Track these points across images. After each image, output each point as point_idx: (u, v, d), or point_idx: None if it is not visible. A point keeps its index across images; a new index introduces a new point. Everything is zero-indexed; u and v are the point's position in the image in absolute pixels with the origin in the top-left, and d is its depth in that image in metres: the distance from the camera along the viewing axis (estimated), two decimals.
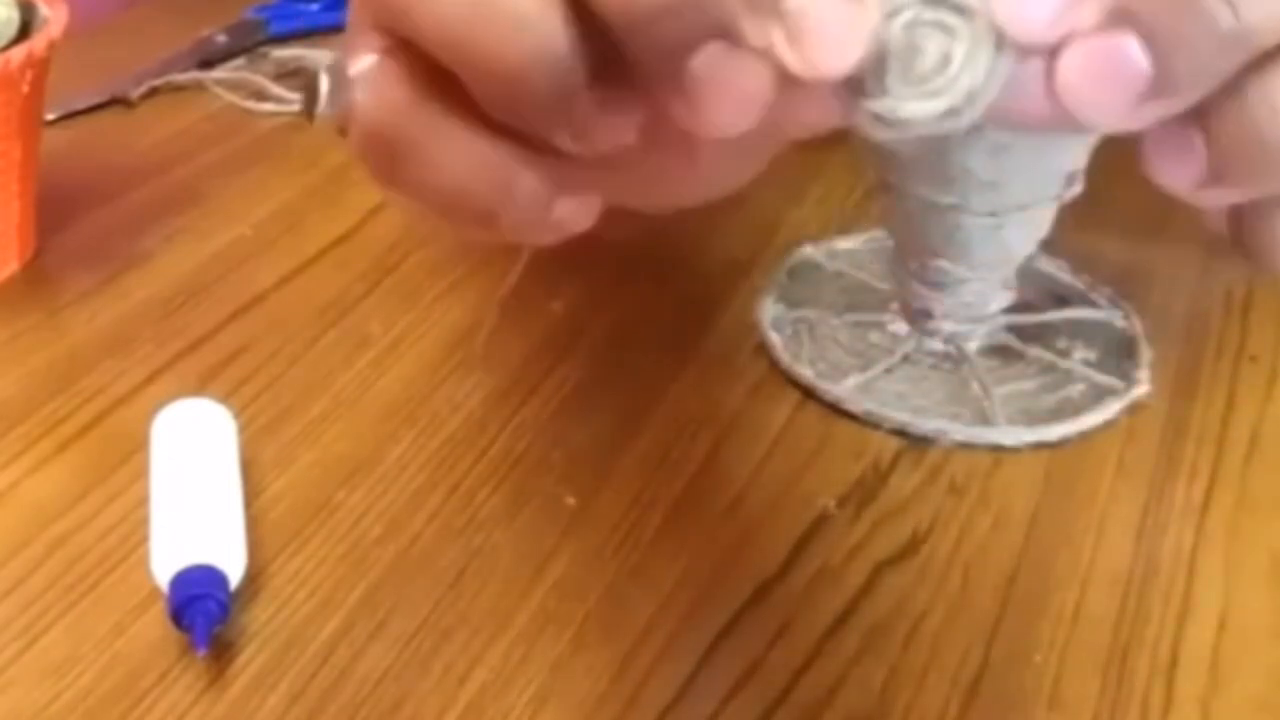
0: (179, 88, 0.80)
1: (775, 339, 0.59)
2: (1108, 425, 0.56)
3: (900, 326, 0.59)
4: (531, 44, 0.28)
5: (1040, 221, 0.56)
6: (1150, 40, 0.26)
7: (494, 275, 0.65)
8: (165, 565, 0.46)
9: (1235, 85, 0.27)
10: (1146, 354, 0.58)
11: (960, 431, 0.55)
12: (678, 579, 0.49)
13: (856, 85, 0.29)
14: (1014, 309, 0.58)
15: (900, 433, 0.55)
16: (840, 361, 0.58)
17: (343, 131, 0.31)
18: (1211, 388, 0.59)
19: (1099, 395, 0.57)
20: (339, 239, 0.67)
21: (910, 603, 0.48)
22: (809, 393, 0.57)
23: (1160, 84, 0.27)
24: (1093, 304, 0.62)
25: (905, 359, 0.58)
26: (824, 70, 0.28)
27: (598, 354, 0.60)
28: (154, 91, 0.80)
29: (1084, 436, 0.55)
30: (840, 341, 0.60)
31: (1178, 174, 0.28)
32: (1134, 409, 0.56)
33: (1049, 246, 0.58)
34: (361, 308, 0.63)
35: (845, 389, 0.56)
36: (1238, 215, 0.30)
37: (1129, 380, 0.57)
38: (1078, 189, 0.55)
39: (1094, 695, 0.45)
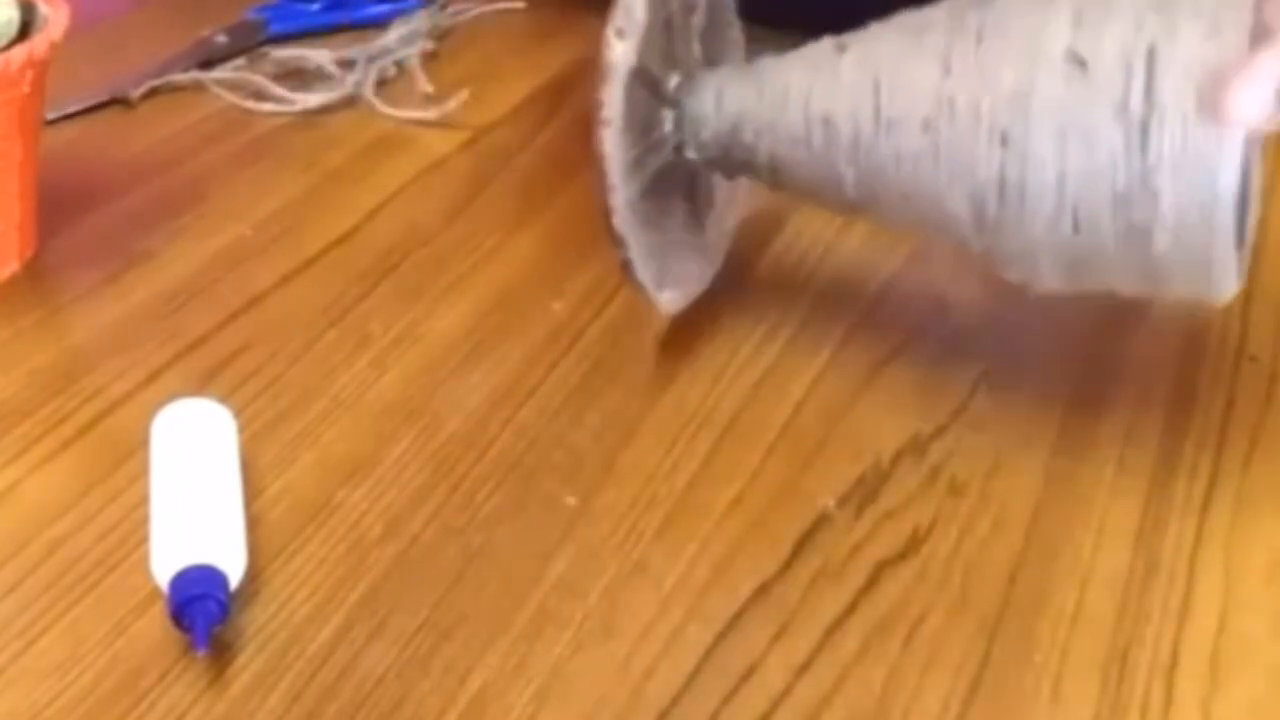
0: (179, 88, 0.80)
1: None
2: (1107, 425, 0.56)
3: None
4: None
5: None
6: None
7: (494, 276, 0.65)
8: (165, 565, 0.46)
9: None
10: None
11: None
12: (678, 578, 0.49)
13: None
14: None
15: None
16: None
17: None
18: (1211, 388, 0.59)
19: None
20: (339, 239, 0.67)
21: (910, 603, 0.49)
22: (809, 393, 0.57)
23: None
24: None
25: None
26: None
27: (598, 354, 0.60)
28: (154, 91, 0.80)
29: (1084, 436, 0.55)
30: None
31: None
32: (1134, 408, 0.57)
33: None
34: (361, 308, 0.63)
35: None
36: None
37: None
38: None
39: (1094, 695, 0.45)
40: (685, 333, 0.61)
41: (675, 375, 0.59)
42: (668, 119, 0.56)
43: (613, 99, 0.53)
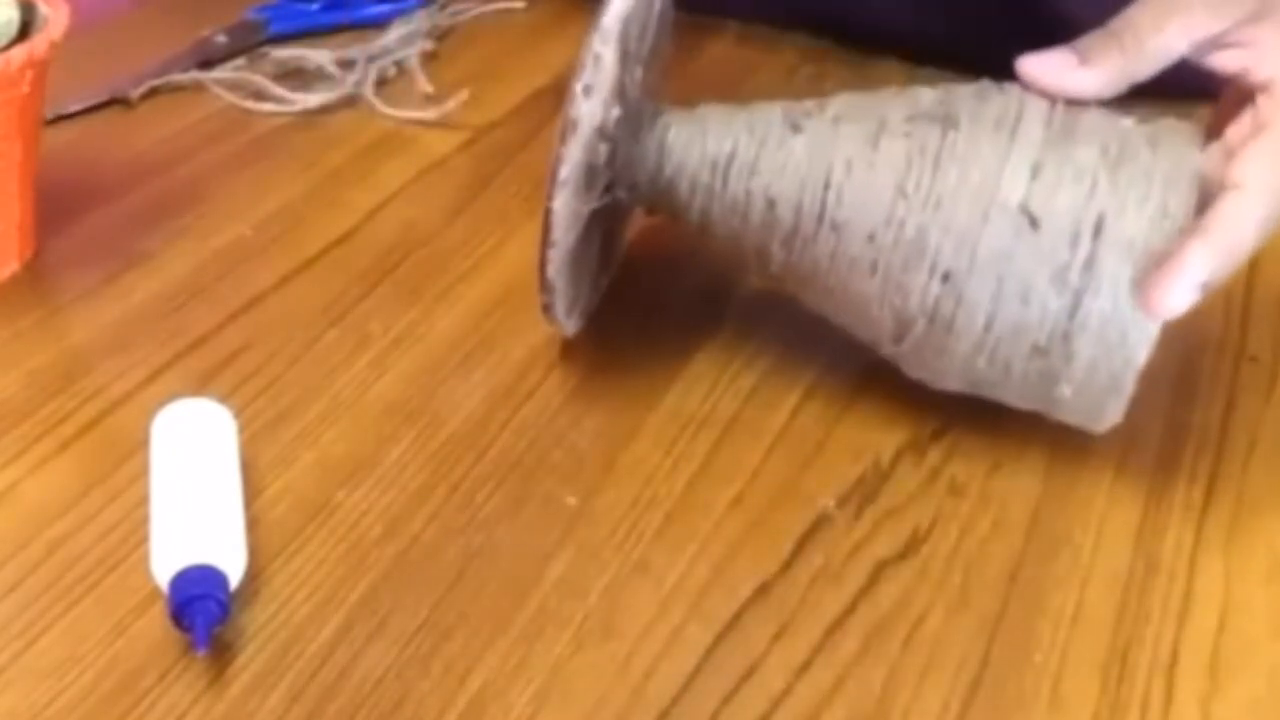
0: (179, 88, 0.80)
1: None
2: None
3: None
4: None
5: None
6: None
7: (494, 276, 0.65)
8: (165, 565, 0.46)
9: None
10: None
11: None
12: (678, 579, 0.49)
13: None
14: None
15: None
16: None
17: None
18: (1211, 389, 0.59)
19: None
20: (339, 239, 0.67)
21: (910, 603, 0.49)
22: (809, 393, 0.57)
23: None
24: None
25: None
26: None
27: (598, 354, 0.60)
28: (154, 91, 0.80)
29: (1084, 436, 0.55)
30: None
31: None
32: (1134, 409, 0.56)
33: None
34: (361, 308, 0.63)
35: None
36: None
37: None
38: None
39: (1094, 695, 0.46)
40: (685, 333, 0.61)
41: (675, 375, 0.59)
42: (603, 152, 0.54)
43: (572, 158, 0.51)
